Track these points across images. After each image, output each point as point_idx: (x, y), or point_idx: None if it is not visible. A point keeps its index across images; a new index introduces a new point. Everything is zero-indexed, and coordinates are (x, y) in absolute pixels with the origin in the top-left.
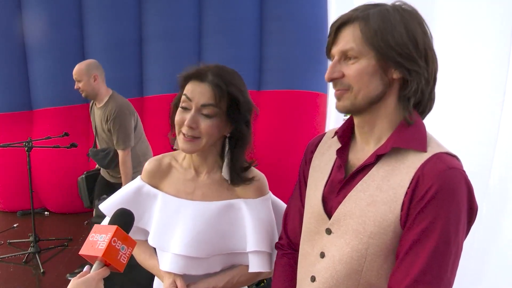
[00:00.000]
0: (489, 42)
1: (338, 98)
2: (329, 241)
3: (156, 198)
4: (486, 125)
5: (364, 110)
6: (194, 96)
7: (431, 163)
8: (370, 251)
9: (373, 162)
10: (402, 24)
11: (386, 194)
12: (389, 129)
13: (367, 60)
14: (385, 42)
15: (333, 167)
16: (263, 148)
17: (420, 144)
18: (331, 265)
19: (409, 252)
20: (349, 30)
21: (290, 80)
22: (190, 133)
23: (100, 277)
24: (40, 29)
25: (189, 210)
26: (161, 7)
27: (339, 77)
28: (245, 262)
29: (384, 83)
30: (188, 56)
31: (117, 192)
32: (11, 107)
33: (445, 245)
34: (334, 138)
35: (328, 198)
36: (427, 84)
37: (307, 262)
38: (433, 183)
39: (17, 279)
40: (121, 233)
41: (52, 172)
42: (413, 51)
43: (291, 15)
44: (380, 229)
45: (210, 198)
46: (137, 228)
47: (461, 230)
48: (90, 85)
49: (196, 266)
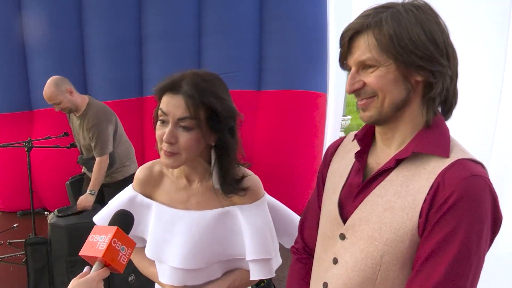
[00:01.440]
0: (485, 42)
1: (364, 109)
2: (343, 246)
3: (150, 209)
4: (483, 125)
5: (389, 119)
6: (169, 110)
7: (453, 170)
8: (385, 259)
9: (392, 166)
10: (419, 25)
11: (404, 200)
12: (412, 132)
13: (386, 67)
14: (403, 48)
15: (351, 171)
16: (263, 148)
17: (442, 149)
18: (344, 272)
19: (426, 263)
20: (363, 39)
21: (290, 80)
22: (169, 149)
23: (100, 278)
24: (40, 29)
25: (184, 220)
26: (161, 7)
27: (361, 87)
28: (244, 266)
29: (408, 88)
30: (188, 56)
31: (109, 202)
32: (11, 107)
33: (466, 257)
34: (354, 141)
35: (345, 202)
36: (451, 81)
37: (320, 268)
38: (454, 191)
39: (17, 279)
40: (121, 234)
41: (52, 172)
42: (434, 52)
43: (291, 15)
44: (396, 236)
45: (204, 206)
46: (135, 236)
47: (484, 241)
48: (70, 101)
49: (195, 277)
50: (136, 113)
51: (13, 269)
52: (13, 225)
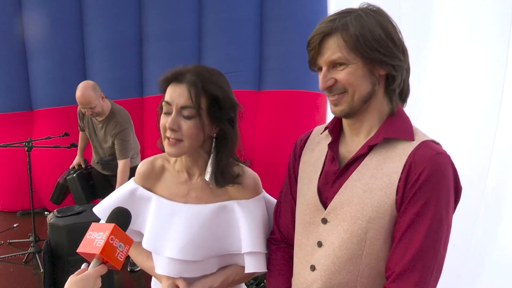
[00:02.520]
0: (487, 42)
1: (336, 104)
2: (326, 230)
3: (149, 201)
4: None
5: (358, 111)
6: (173, 98)
7: (420, 150)
8: (370, 235)
9: (365, 152)
10: (379, 26)
11: (381, 181)
12: (378, 121)
13: (355, 64)
14: (368, 46)
15: (325, 160)
16: (263, 148)
17: (408, 133)
18: (331, 252)
19: (405, 233)
20: (332, 41)
21: (290, 80)
22: (173, 136)
23: (98, 275)
24: (40, 29)
25: (183, 213)
26: (161, 7)
27: (333, 83)
28: (240, 262)
29: (373, 81)
30: (188, 56)
31: (110, 195)
32: (11, 107)
33: (438, 224)
34: (322, 134)
35: (323, 189)
36: (407, 74)
37: (304, 252)
38: (424, 168)
39: (17, 279)
40: (118, 231)
41: (52, 172)
42: (393, 48)
43: (291, 15)
44: (378, 213)
45: (203, 200)
46: (132, 231)
47: (451, 208)
48: (101, 106)
49: (191, 269)
50: (136, 113)
51: (13, 269)
52: (13, 225)
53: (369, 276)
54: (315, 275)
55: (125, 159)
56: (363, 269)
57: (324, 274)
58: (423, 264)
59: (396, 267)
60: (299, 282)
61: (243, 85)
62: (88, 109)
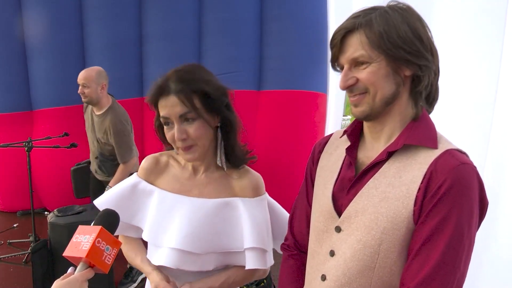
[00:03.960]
0: (481, 41)
1: (356, 105)
2: (339, 239)
3: (152, 194)
4: (478, 126)
5: (379, 114)
6: (169, 111)
7: (443, 159)
8: (383, 247)
9: (384, 159)
10: (405, 23)
11: (398, 190)
12: (400, 126)
13: (378, 63)
14: (392, 44)
15: (342, 166)
16: (263, 148)
17: (431, 141)
18: (343, 263)
19: (422, 247)
20: (355, 38)
21: (290, 80)
22: (185, 144)
23: (84, 279)
24: (40, 29)
25: (185, 205)
26: (161, 7)
27: (354, 83)
28: (239, 262)
29: (397, 82)
30: (188, 56)
31: (112, 188)
32: (11, 108)
33: (459, 240)
34: (341, 139)
35: (338, 196)
36: (435, 76)
37: (316, 261)
38: (446, 178)
39: (17, 279)
40: (105, 233)
41: (52, 172)
42: (420, 47)
43: (291, 15)
44: (393, 224)
45: (207, 195)
46: (130, 225)
47: (474, 224)
48: (96, 93)
49: (190, 261)
50: (136, 113)
51: (13, 269)
52: (13, 225)
53: None
54: (325, 286)
55: (127, 162)
56: (375, 283)
57: (334, 285)
58: (440, 281)
59: (411, 283)
60: None
61: (243, 85)
62: (81, 86)
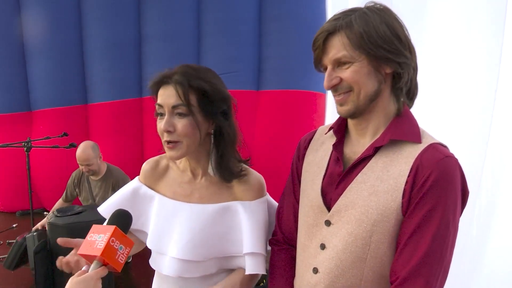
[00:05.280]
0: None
1: (342, 103)
2: (329, 232)
3: (152, 200)
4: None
5: (364, 111)
6: (164, 100)
7: (428, 153)
8: (374, 239)
9: (371, 154)
10: (383, 23)
11: (386, 183)
12: (385, 122)
13: (360, 62)
14: (373, 43)
15: (330, 161)
16: (263, 148)
17: (415, 135)
18: (335, 255)
19: (411, 238)
20: (337, 39)
21: (289, 80)
22: (170, 138)
23: (98, 277)
24: (40, 30)
25: (185, 212)
26: (161, 7)
27: (338, 82)
28: (241, 265)
29: (379, 80)
30: (188, 56)
31: (115, 193)
32: (11, 108)
33: (445, 228)
34: (327, 134)
35: (327, 191)
36: (414, 72)
37: (306, 255)
38: (432, 171)
39: (17, 279)
40: (119, 233)
41: (51, 172)
42: (399, 45)
43: (290, 15)
44: (383, 217)
45: (207, 200)
46: (134, 230)
47: (458, 212)
48: (98, 164)
49: (191, 269)
50: (135, 113)
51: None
52: (12, 225)
53: (373, 280)
54: (318, 278)
55: None
56: (367, 273)
57: (328, 277)
58: (429, 269)
59: (402, 272)
60: (302, 284)
61: (242, 85)
62: (85, 165)
